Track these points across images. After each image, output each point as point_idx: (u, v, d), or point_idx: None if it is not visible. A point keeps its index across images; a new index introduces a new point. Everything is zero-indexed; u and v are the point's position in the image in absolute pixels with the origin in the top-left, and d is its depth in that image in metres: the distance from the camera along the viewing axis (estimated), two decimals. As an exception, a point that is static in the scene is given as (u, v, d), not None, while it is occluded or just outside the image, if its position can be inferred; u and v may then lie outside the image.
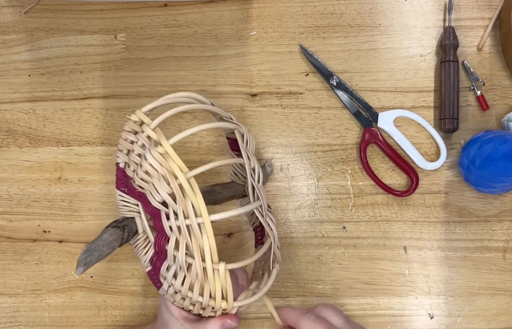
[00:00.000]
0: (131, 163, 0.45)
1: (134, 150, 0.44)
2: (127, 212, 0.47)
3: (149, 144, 0.43)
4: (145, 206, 0.44)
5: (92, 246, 0.43)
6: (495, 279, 0.56)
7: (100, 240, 0.44)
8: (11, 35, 0.60)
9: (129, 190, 0.46)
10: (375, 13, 0.58)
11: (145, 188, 0.44)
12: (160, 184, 0.42)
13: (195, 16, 0.59)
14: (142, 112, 0.46)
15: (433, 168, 0.56)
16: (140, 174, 0.43)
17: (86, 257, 0.42)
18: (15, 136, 0.60)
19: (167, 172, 0.42)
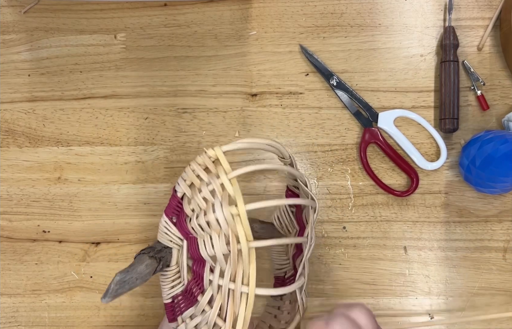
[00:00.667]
0: (192, 202, 0.41)
1: (202, 191, 0.41)
2: (167, 240, 0.44)
3: (221, 195, 0.39)
4: (191, 248, 0.42)
5: (126, 277, 0.39)
6: (495, 279, 0.56)
7: (134, 271, 0.40)
8: (11, 35, 0.60)
9: (178, 223, 0.43)
10: (375, 13, 0.58)
11: (198, 234, 0.41)
12: (218, 240, 0.39)
13: (195, 16, 0.59)
14: (221, 151, 0.41)
15: (433, 168, 0.56)
16: (200, 220, 0.40)
17: (118, 289, 0.39)
18: (15, 136, 0.60)
19: (231, 233, 0.39)
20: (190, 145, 0.58)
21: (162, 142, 0.58)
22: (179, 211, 0.43)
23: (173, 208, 0.43)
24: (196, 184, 0.42)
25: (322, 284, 0.57)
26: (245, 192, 0.58)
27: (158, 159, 0.58)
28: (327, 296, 0.57)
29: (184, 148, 0.58)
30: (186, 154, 0.58)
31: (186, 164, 0.58)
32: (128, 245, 0.58)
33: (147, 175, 0.58)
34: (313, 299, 0.57)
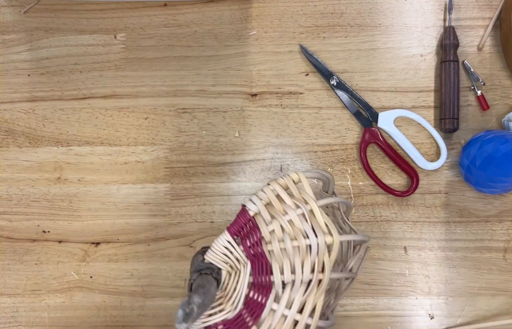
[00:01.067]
0: (274, 223, 0.40)
1: (288, 214, 0.40)
2: (221, 261, 0.42)
3: (312, 221, 0.39)
4: (257, 272, 0.40)
5: (205, 300, 0.38)
6: (496, 279, 0.56)
7: (209, 294, 0.39)
8: (11, 34, 0.60)
9: (243, 242, 0.41)
10: (375, 13, 0.58)
11: (276, 258, 0.39)
12: (301, 267, 0.38)
13: (195, 16, 0.59)
14: (305, 176, 0.41)
15: (433, 168, 0.56)
16: (286, 244, 0.39)
17: (199, 313, 0.37)
18: (15, 136, 0.60)
19: (317, 262, 0.38)
20: (190, 145, 0.58)
21: (162, 142, 0.58)
22: (248, 232, 0.41)
23: (240, 226, 0.41)
24: (277, 205, 0.41)
25: (322, 284, 0.57)
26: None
27: (158, 159, 0.58)
28: (327, 296, 0.57)
29: (184, 148, 0.58)
30: (186, 154, 0.58)
31: (186, 163, 0.58)
32: (128, 245, 0.58)
33: (147, 175, 0.58)
34: (313, 299, 0.57)
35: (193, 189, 0.58)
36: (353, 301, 0.56)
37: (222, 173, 0.58)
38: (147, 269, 0.58)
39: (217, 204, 0.58)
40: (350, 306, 0.56)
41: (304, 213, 0.40)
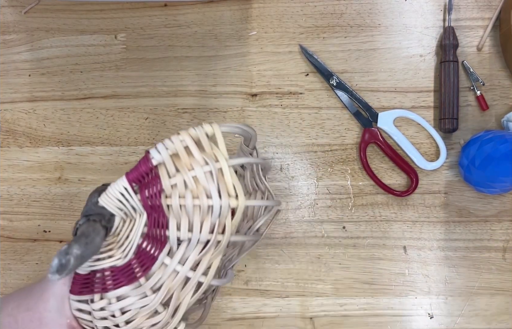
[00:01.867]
0: (177, 177, 0.37)
1: (194, 170, 0.37)
2: (115, 208, 0.39)
3: (218, 182, 0.36)
4: (153, 225, 0.38)
5: (85, 252, 0.35)
6: (495, 279, 0.56)
7: (93, 245, 0.36)
8: (12, 35, 0.60)
9: (142, 191, 0.38)
10: (375, 13, 0.58)
11: (174, 213, 0.37)
12: (200, 226, 0.36)
13: (195, 16, 0.59)
14: (220, 131, 0.38)
15: (433, 168, 0.56)
16: (187, 201, 0.37)
17: (76, 265, 0.34)
18: (16, 136, 0.60)
19: (217, 224, 0.36)
20: (190, 145, 0.58)
21: (163, 142, 0.59)
22: (148, 181, 0.38)
23: (141, 174, 0.38)
24: (184, 158, 0.37)
25: (322, 284, 0.57)
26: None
27: (159, 159, 0.59)
28: (327, 296, 0.57)
29: (184, 148, 0.58)
30: (186, 154, 0.58)
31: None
32: (129, 245, 0.58)
33: (148, 175, 0.59)
34: (313, 299, 0.57)
35: (194, 189, 0.58)
36: (353, 301, 0.56)
37: (222, 173, 0.58)
38: (147, 269, 0.58)
39: (217, 204, 0.58)
40: (350, 306, 0.56)
41: (211, 171, 0.36)
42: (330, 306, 0.57)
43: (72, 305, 0.40)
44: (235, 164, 0.38)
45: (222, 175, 0.37)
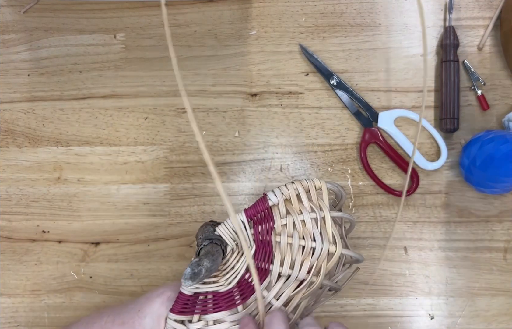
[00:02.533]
0: (288, 218, 0.42)
1: (302, 215, 0.41)
2: (229, 238, 0.44)
3: (322, 228, 0.41)
4: (259, 257, 0.41)
5: (213, 266, 0.40)
6: (496, 280, 0.55)
7: (216, 262, 0.41)
8: (10, 34, 0.60)
9: (255, 226, 0.43)
10: (375, 12, 0.58)
11: (280, 250, 0.41)
12: (300, 265, 0.40)
13: (195, 16, 0.59)
14: (326, 186, 0.43)
15: (433, 168, 0.56)
16: (294, 240, 0.41)
17: (206, 275, 0.39)
18: (14, 136, 0.60)
19: (315, 265, 0.40)
20: (189, 145, 0.58)
21: (162, 142, 0.58)
22: (261, 218, 0.43)
23: (257, 211, 0.43)
24: (294, 203, 0.43)
25: (322, 284, 0.57)
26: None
27: (158, 159, 0.58)
28: (327, 296, 0.56)
29: (183, 148, 0.58)
30: (186, 154, 0.58)
31: (185, 163, 0.58)
32: (128, 245, 0.58)
33: (147, 175, 0.58)
34: (313, 300, 0.57)
35: (193, 189, 0.58)
36: (353, 301, 0.56)
37: (222, 173, 0.58)
38: (146, 269, 0.58)
39: (217, 204, 0.58)
40: (350, 306, 0.56)
41: (317, 218, 0.41)
42: (330, 307, 0.56)
43: (168, 324, 0.42)
44: (335, 216, 0.43)
45: (324, 223, 0.42)
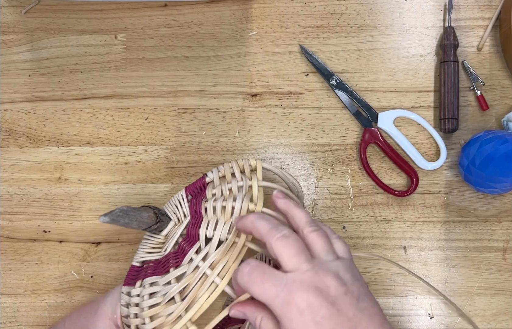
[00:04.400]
0: (217, 188, 0.45)
1: (230, 184, 0.45)
2: (171, 211, 0.48)
3: (246, 192, 0.43)
4: (191, 226, 0.44)
5: (129, 212, 0.44)
6: (495, 279, 0.56)
7: (138, 213, 0.45)
8: (11, 35, 0.60)
9: (191, 202, 0.46)
10: (375, 13, 0.58)
11: (207, 215, 0.44)
12: (222, 226, 0.42)
13: (195, 16, 0.59)
14: (261, 164, 0.46)
15: (433, 168, 0.56)
16: (217, 203, 0.43)
17: (118, 216, 0.43)
18: (15, 136, 0.60)
19: (234, 230, 0.41)
20: (190, 145, 0.58)
21: (162, 142, 0.59)
22: (198, 193, 0.47)
23: (195, 188, 0.47)
24: (228, 178, 0.46)
25: (322, 284, 0.57)
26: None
27: (159, 159, 0.59)
28: (327, 296, 0.57)
29: (184, 148, 0.58)
30: (186, 154, 0.58)
31: (186, 163, 0.58)
32: (129, 245, 0.58)
33: (147, 175, 0.59)
34: (313, 299, 0.57)
35: (194, 189, 0.58)
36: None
37: (222, 173, 0.58)
38: (147, 269, 0.58)
39: (217, 204, 0.58)
40: (350, 306, 0.56)
41: (243, 186, 0.44)
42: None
43: (121, 298, 0.46)
44: (264, 185, 0.45)
45: (251, 189, 0.44)
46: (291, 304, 0.32)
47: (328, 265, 0.34)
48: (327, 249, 0.35)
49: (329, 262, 0.34)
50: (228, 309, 0.37)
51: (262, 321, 0.35)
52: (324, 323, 0.31)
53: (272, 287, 0.33)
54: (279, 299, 0.32)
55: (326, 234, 0.37)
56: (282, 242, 0.34)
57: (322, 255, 0.35)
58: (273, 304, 0.33)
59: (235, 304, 0.37)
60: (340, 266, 0.35)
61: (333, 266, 0.34)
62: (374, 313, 0.33)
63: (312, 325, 0.31)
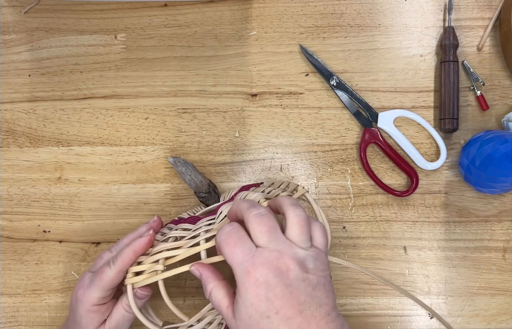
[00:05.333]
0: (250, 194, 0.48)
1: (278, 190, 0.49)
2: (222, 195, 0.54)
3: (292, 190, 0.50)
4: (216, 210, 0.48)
5: (189, 165, 0.53)
6: (495, 279, 0.56)
7: (195, 172, 0.54)
8: (11, 35, 0.60)
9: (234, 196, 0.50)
10: (375, 13, 0.58)
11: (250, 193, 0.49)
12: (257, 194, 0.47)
13: (195, 16, 0.59)
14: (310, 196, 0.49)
15: (433, 168, 0.56)
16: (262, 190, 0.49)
17: (180, 162, 0.53)
18: (15, 136, 0.60)
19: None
20: (190, 145, 0.58)
21: (163, 142, 0.59)
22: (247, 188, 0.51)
23: (249, 186, 0.52)
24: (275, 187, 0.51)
25: (322, 284, 0.57)
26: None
27: (158, 159, 0.59)
28: (327, 296, 0.57)
29: (184, 148, 0.58)
30: (186, 154, 0.58)
31: (186, 164, 0.58)
32: (128, 245, 0.58)
33: (147, 175, 0.59)
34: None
35: (194, 189, 0.58)
36: (353, 301, 0.56)
37: (222, 173, 0.58)
38: (147, 269, 0.58)
39: (217, 204, 0.58)
40: (350, 306, 0.56)
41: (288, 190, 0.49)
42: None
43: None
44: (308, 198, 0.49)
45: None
46: (251, 275, 0.35)
47: (296, 250, 0.36)
48: (303, 235, 0.37)
49: (299, 248, 0.37)
50: (190, 266, 0.41)
51: (213, 289, 0.39)
52: (275, 300, 0.34)
53: (240, 253, 0.36)
54: (243, 266, 0.36)
55: (308, 221, 0.38)
56: (257, 219, 0.37)
57: (296, 240, 0.37)
58: (237, 269, 0.36)
59: (197, 262, 0.41)
60: (308, 254, 0.37)
61: (300, 253, 0.36)
62: (324, 303, 0.36)
63: (264, 299, 0.34)
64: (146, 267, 0.45)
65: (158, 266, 0.45)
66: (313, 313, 0.35)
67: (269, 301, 0.34)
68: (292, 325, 0.34)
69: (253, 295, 0.35)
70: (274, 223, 0.37)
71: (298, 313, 0.34)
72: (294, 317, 0.34)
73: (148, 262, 0.45)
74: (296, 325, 0.34)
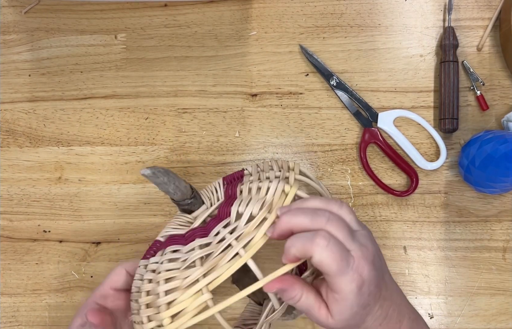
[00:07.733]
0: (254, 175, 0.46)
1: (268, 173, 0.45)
2: (206, 196, 0.48)
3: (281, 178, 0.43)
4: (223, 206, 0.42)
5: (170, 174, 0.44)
6: (495, 279, 0.56)
7: (177, 179, 0.45)
8: (12, 35, 0.60)
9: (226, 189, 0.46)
10: (375, 13, 0.58)
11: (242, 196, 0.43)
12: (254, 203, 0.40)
13: (195, 16, 0.59)
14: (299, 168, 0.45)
15: (433, 168, 0.56)
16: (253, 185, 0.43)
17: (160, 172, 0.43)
18: (15, 136, 0.60)
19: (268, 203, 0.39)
20: (190, 145, 0.58)
21: (163, 142, 0.59)
22: (234, 180, 0.47)
23: (233, 178, 0.48)
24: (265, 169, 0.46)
25: (322, 283, 0.57)
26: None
27: (159, 159, 0.59)
28: (327, 295, 0.57)
29: (184, 148, 0.58)
30: (186, 154, 0.58)
31: (186, 163, 0.58)
32: (129, 245, 0.58)
33: (148, 175, 0.59)
34: (313, 299, 0.57)
35: (194, 189, 0.58)
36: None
37: (222, 173, 0.58)
38: (147, 269, 0.58)
39: (217, 204, 0.58)
40: (350, 306, 0.56)
41: (280, 176, 0.44)
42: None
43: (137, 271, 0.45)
44: (301, 179, 0.44)
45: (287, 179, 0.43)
46: (353, 272, 0.36)
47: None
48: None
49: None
50: (263, 282, 0.36)
51: (303, 296, 0.37)
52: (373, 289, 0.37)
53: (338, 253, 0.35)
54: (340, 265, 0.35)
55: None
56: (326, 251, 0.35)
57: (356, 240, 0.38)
58: (334, 269, 0.35)
59: (273, 279, 0.36)
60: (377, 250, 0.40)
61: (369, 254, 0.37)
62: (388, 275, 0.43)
63: (367, 293, 0.37)
64: (186, 303, 0.37)
65: (204, 296, 0.36)
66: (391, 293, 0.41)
67: (370, 295, 0.37)
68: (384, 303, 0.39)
69: (355, 290, 0.36)
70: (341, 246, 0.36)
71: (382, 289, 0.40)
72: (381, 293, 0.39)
73: (185, 297, 0.37)
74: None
